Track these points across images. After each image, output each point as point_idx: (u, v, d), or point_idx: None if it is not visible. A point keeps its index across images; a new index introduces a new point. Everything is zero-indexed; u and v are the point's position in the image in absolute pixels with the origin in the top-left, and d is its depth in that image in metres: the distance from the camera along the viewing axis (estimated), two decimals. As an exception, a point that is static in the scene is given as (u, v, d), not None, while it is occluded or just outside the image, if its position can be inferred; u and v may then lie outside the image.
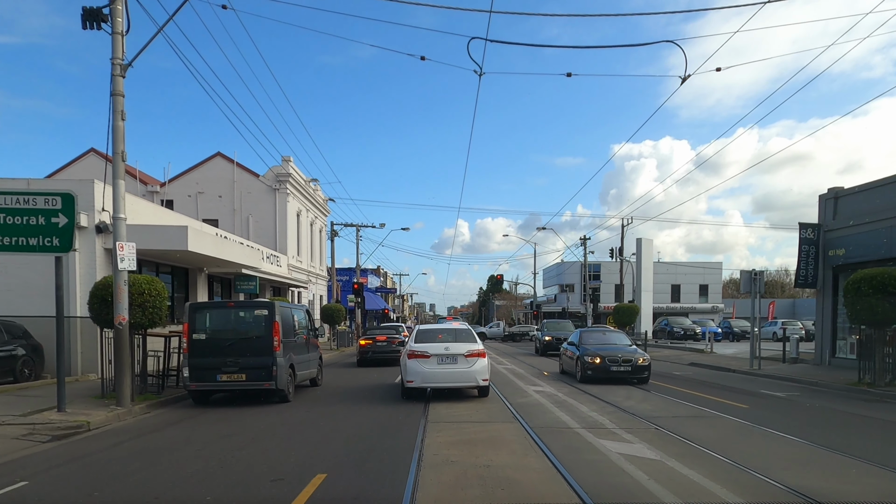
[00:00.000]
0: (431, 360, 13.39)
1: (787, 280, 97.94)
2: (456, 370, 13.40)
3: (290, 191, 36.91)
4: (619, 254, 49.93)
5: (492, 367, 16.67)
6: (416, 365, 13.47)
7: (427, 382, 13.46)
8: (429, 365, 13.39)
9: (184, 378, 12.94)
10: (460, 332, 14.89)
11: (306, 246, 41.80)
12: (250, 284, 25.48)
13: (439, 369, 13.40)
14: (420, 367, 13.43)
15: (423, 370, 13.39)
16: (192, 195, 35.98)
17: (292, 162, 36.72)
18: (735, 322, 47.01)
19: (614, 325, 38.24)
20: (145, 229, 16.30)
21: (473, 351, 13.54)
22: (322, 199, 47.15)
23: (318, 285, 46.08)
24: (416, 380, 13.45)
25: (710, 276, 75.15)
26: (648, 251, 47.15)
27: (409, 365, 13.61)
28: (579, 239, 49.29)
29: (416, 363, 13.51)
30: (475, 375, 13.42)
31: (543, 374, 20.46)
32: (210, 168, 36.14)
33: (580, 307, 75.39)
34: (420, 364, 13.45)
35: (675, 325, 43.07)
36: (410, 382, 13.55)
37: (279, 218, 36.21)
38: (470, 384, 13.60)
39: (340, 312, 36.01)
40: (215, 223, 34.09)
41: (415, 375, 13.45)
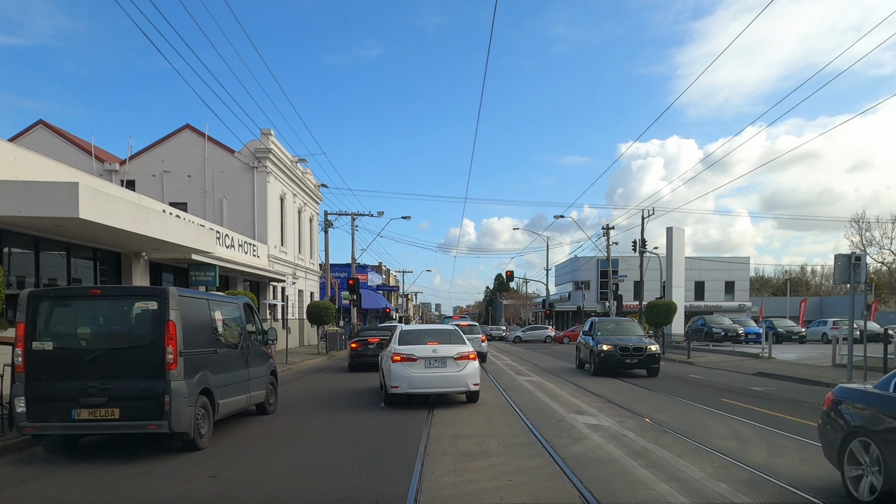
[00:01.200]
0: (418, 363, 12.42)
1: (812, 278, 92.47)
2: (445, 374, 12.51)
3: (272, 170, 31.82)
4: (643, 245, 44.75)
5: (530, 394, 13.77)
6: (402, 369, 12.40)
7: (413, 388, 12.45)
8: (415, 369, 12.39)
9: (17, 414, 7.79)
10: (448, 332, 14.04)
11: (293, 235, 36.70)
12: (207, 275, 20.41)
13: (427, 374, 12.45)
14: (406, 371, 12.37)
15: (409, 375, 12.35)
16: (156, 174, 30.94)
17: (273, 136, 31.64)
18: (778, 321, 41.69)
19: (647, 325, 32.99)
20: (5, 186, 11.21)
21: (463, 353, 12.67)
22: (313, 184, 42.06)
23: (308, 281, 40.99)
24: (402, 385, 12.40)
25: (736, 271, 69.78)
26: (680, 242, 41.90)
27: (394, 369, 12.46)
28: (601, 229, 44.09)
29: (401, 367, 12.42)
30: (466, 380, 12.59)
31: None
32: (178, 143, 31.10)
33: (596, 305, 70.11)
34: (405, 368, 12.39)
35: (713, 324, 37.79)
36: (395, 388, 12.47)
37: (258, 201, 31.12)
38: (460, 389, 12.81)
39: (329, 311, 30.92)
40: (183, 206, 29.09)
41: (400, 381, 12.41)
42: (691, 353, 28.53)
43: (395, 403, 12.84)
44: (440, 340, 13.17)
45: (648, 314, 32.58)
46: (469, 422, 11.08)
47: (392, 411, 12.33)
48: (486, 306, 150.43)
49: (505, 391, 15.66)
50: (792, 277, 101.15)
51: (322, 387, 18.33)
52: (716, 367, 24.01)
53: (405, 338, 13.49)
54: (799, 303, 71.61)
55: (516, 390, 15.93)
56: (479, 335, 26.04)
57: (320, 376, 21.71)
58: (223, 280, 26.93)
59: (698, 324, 39.08)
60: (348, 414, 12.23)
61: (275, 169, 32.30)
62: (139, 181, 30.67)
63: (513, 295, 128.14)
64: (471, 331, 26.20)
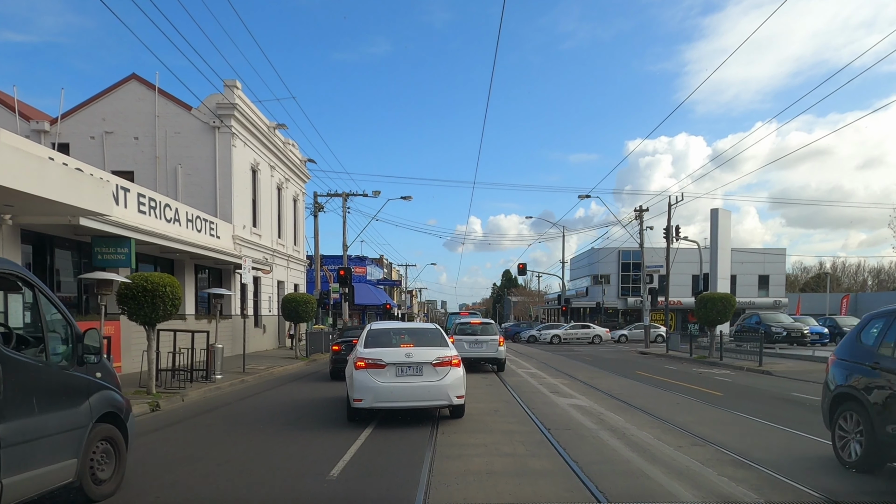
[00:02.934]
0: (387, 371, 9.80)
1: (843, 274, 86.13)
2: (421, 384, 9.85)
3: (238, 131, 25.95)
4: (676, 234, 38.72)
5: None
6: (366, 378, 9.76)
7: (381, 401, 9.77)
8: (383, 378, 9.77)
9: None
10: (427, 332, 11.42)
11: (269, 215, 30.82)
12: (118, 253, 14.59)
13: (398, 383, 9.80)
14: (371, 380, 9.73)
15: (375, 385, 9.72)
16: (96, 136, 25.13)
17: (240, 89, 25.77)
18: (841, 320, 35.60)
19: (703, 324, 27.02)
20: None
21: (444, 358, 10.06)
22: (299, 158, 36.17)
23: (291, 271, 35.13)
24: (367, 398, 9.73)
25: (770, 265, 63.55)
26: (726, 227, 35.80)
27: (357, 378, 9.83)
28: (634, 210, 38.01)
29: (365, 376, 9.78)
30: (447, 391, 9.92)
31: None
32: (122, 97, 25.27)
33: (617, 302, 64.09)
34: (371, 377, 9.75)
35: (771, 323, 31.74)
36: (358, 402, 9.80)
37: (221, 169, 25.26)
38: (440, 402, 10.13)
39: (309, 305, 25.04)
40: (129, 175, 23.34)
41: (364, 392, 9.75)
42: (765, 360, 22.49)
43: (386, 422, 9.74)
44: (416, 342, 10.69)
45: (700, 310, 26.53)
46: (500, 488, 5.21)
47: (372, 438, 6.50)
48: (493, 303, 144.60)
49: (550, 431, 9.70)
50: (822, 273, 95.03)
51: (285, 402, 12.71)
52: (805, 378, 18.08)
53: (373, 339, 10.77)
54: (840, 299, 65.75)
55: (570, 431, 9.97)
56: (496, 336, 20.21)
57: (291, 387, 16.14)
58: (166, 264, 21.08)
59: (751, 322, 33.01)
60: (296, 445, 6.35)
61: (242, 131, 26.41)
62: (74, 144, 24.90)
63: (521, 291, 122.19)
64: (484, 330, 20.41)
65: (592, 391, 14.81)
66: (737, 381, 17.61)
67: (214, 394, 14.72)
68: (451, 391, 9.93)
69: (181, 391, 13.91)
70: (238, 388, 15.97)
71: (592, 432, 9.40)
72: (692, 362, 26.04)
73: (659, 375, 19.35)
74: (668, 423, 10.26)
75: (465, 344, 19.47)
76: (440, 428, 9.87)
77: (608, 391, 14.76)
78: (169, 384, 14.48)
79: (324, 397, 14.14)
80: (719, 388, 15.79)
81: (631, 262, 63.37)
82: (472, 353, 19.43)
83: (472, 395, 13.82)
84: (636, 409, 11.73)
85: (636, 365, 24.69)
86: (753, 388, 16.10)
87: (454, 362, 10.14)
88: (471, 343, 19.66)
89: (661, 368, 22.63)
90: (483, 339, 19.83)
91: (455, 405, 10.19)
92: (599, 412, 11.38)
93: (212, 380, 16.00)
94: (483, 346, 19.65)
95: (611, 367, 22.81)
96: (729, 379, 18.41)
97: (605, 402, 12.72)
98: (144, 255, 19.01)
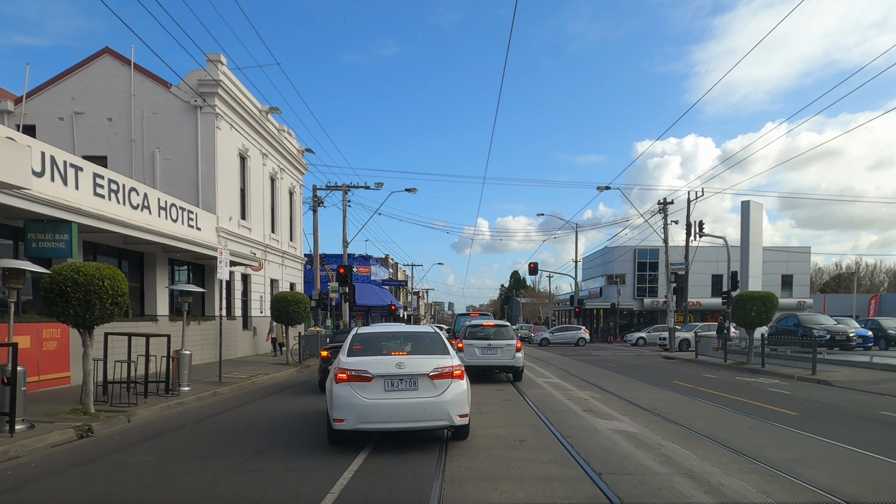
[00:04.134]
0: (374, 384, 7.96)
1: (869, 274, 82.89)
2: (415, 401, 7.96)
3: (223, 112, 23.37)
4: (699, 230, 35.97)
5: None
6: (349, 393, 7.89)
7: (367, 422, 7.88)
8: (370, 393, 7.93)
9: None
10: (423, 337, 9.32)
11: (261, 207, 28.22)
12: (57, 240, 12.00)
13: (387, 400, 7.92)
14: (355, 396, 7.88)
15: (359, 402, 7.85)
16: (65, 117, 22.62)
17: (225, 64, 23.19)
18: (885, 322, 32.65)
19: (741, 326, 24.26)
20: None
21: (444, 369, 8.15)
22: (296, 148, 33.61)
23: (285, 269, 32.53)
24: (349, 418, 7.85)
25: (794, 264, 60.47)
26: (758, 220, 32.98)
27: (338, 393, 7.95)
28: (657, 203, 35.18)
29: (347, 391, 7.92)
30: (447, 409, 8.00)
31: None
32: (94, 74, 22.74)
33: (633, 303, 61.18)
34: (355, 392, 7.90)
35: (811, 325, 28.84)
36: (339, 422, 7.89)
37: (203, 153, 22.68)
38: (438, 423, 8.11)
39: (301, 305, 22.40)
40: (103, 161, 20.86)
41: (346, 410, 7.86)
42: (821, 367, 19.68)
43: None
44: (411, 349, 8.87)
45: (737, 311, 23.74)
46: None
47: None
48: (501, 305, 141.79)
49: (603, 478, 6.99)
50: (842, 273, 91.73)
51: (260, 419, 10.15)
52: (876, 390, 15.33)
53: (359, 345, 8.88)
54: (868, 300, 62.63)
55: (631, 478, 7.25)
56: (512, 341, 17.43)
57: (273, 401, 13.60)
58: (133, 257, 18.50)
59: (789, 324, 30.13)
60: None
61: (228, 112, 23.83)
62: (41, 126, 22.44)
63: (530, 293, 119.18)
64: (498, 334, 17.75)
65: (634, 409, 12.08)
66: (798, 394, 14.86)
67: (174, 411, 12.09)
68: (452, 409, 8.07)
69: (130, 408, 11.30)
70: (206, 403, 13.34)
71: (664, 480, 6.69)
72: (730, 369, 23.26)
73: (702, 386, 16.61)
74: (759, 462, 7.54)
75: (477, 350, 17.08)
76: (449, 462, 7.25)
77: (654, 409, 12.03)
78: (120, 399, 11.87)
79: (310, 412, 11.55)
80: (784, 403, 13.03)
81: (648, 261, 60.51)
82: (484, 360, 17.09)
83: (487, 415, 11.12)
84: (704, 439, 9.00)
85: (667, 373, 21.93)
86: (825, 403, 13.34)
87: (456, 374, 8.30)
88: (483, 349, 17.16)
89: (699, 377, 19.88)
90: (498, 343, 17.10)
91: (457, 426, 8.30)
92: (658, 443, 8.66)
93: (175, 393, 13.38)
94: (497, 353, 17.09)
95: (641, 376, 20.06)
96: (786, 391, 15.66)
97: (659, 427, 9.99)
98: (103, 245, 16.46)
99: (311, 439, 9.07)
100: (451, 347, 9.00)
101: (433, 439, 8.95)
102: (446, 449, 8.30)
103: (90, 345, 10.51)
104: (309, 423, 10.55)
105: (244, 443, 8.91)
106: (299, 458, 7.93)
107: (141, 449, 8.57)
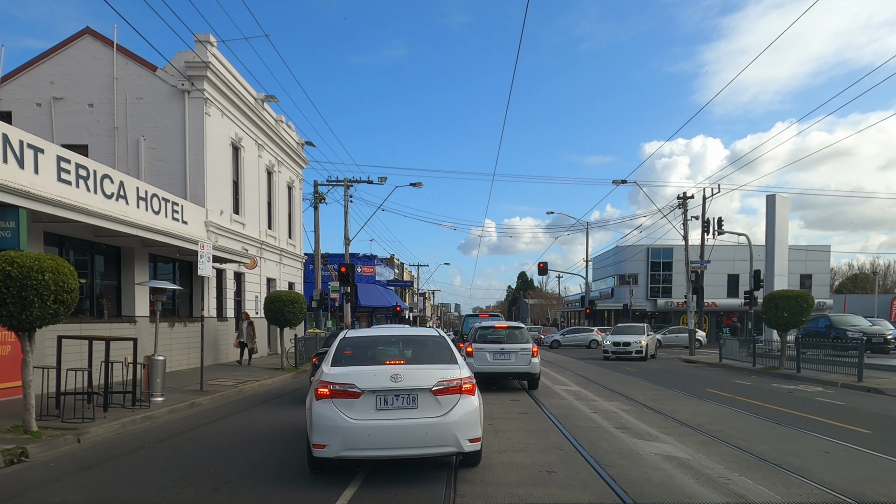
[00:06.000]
0: (364, 401, 6.39)
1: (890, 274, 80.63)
2: (414, 422, 6.38)
3: (213, 97, 21.70)
4: (719, 226, 34.19)
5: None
6: (332, 413, 6.34)
7: (354, 448, 6.30)
8: (358, 412, 6.36)
9: None
10: (425, 342, 7.73)
11: (256, 202, 26.55)
12: (3, 229, 10.32)
13: (380, 421, 6.36)
14: (339, 416, 6.32)
15: (345, 423, 6.29)
16: (43, 103, 21.02)
17: (215, 46, 21.53)
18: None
19: (774, 328, 22.41)
20: None
21: (450, 382, 6.57)
22: (295, 140, 31.95)
23: (283, 267, 30.85)
24: (332, 443, 6.27)
25: (813, 263, 58.38)
26: (784, 216, 31.17)
27: (319, 412, 6.38)
28: (677, 198, 33.32)
29: (330, 409, 6.37)
30: (454, 432, 6.42)
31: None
32: (74, 56, 21.13)
33: (646, 303, 59.24)
34: (340, 411, 6.35)
35: (844, 326, 26.91)
36: (320, 448, 6.31)
37: (191, 141, 21.01)
38: (442, 450, 6.51)
39: (297, 305, 20.70)
40: (83, 150, 19.23)
41: (328, 434, 6.30)
42: (862, 372, 17.85)
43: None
44: (410, 357, 7.21)
45: (769, 311, 21.88)
46: None
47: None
48: (508, 306, 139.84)
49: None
50: (859, 273, 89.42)
51: (238, 438, 8.45)
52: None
53: (348, 351, 7.18)
54: (891, 301, 60.48)
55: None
56: (528, 344, 15.74)
57: (258, 413, 11.98)
58: (108, 252, 16.83)
59: (820, 325, 28.18)
60: None
61: (219, 98, 22.16)
62: (17, 113, 20.85)
63: (538, 293, 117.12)
64: (512, 337, 16.11)
65: (676, 426, 10.29)
66: (854, 406, 13.05)
67: (137, 427, 10.40)
68: (460, 432, 6.50)
69: (84, 425, 9.61)
70: (179, 417, 11.64)
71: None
72: (761, 375, 21.42)
73: (741, 395, 14.79)
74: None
75: (488, 354, 15.52)
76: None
77: (698, 426, 10.24)
78: (76, 413, 10.17)
79: (295, 429, 9.88)
80: (847, 418, 11.22)
81: (661, 260, 58.58)
82: (496, 366, 15.50)
83: (504, 434, 9.36)
84: (779, 469, 7.21)
85: (695, 378, 20.12)
86: (892, 417, 11.52)
87: (465, 388, 6.70)
88: (495, 353, 15.55)
89: (732, 384, 18.07)
90: (511, 347, 15.50)
91: (466, 452, 6.66)
92: (722, 476, 6.88)
93: (144, 405, 11.70)
94: (511, 358, 15.48)
95: (668, 383, 18.26)
96: (838, 401, 13.84)
97: (714, 452, 8.21)
98: (71, 238, 14.79)
99: (291, 466, 7.36)
100: (459, 355, 7.44)
101: (440, 465, 7.24)
102: (455, 482, 6.57)
103: (30, 351, 8.85)
104: (291, 442, 8.83)
105: (205, 473, 7.19)
106: (272, 493, 6.22)
107: (73, 483, 6.87)
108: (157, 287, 12.66)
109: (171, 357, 18.53)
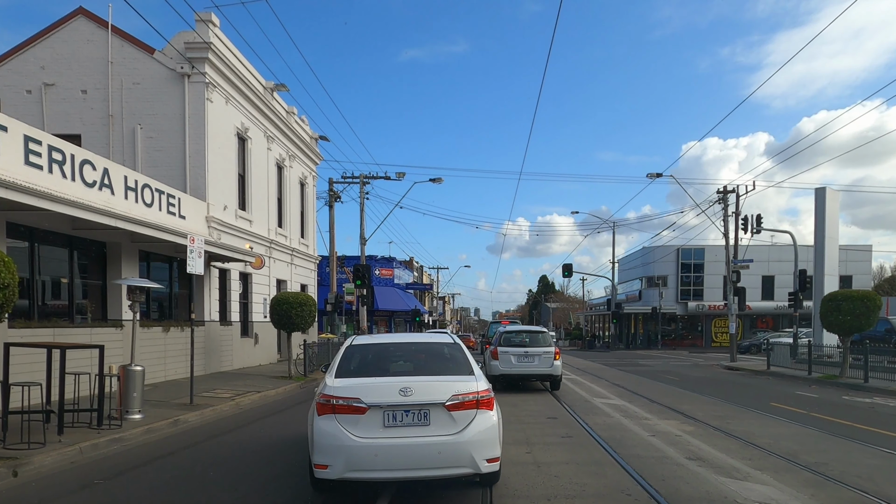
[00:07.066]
0: (370, 417, 5.69)
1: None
2: (425, 440, 5.66)
3: (216, 81, 20.01)
4: (758, 224, 31.78)
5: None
6: (335, 430, 5.65)
7: (358, 469, 5.57)
8: (363, 429, 5.65)
9: None
10: (439, 349, 7.01)
11: (265, 198, 24.81)
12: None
13: (387, 439, 5.64)
14: (343, 434, 5.61)
15: (349, 442, 5.58)
16: (33, 90, 19.50)
17: (217, 26, 19.84)
18: None
19: (836, 332, 20.13)
20: None
21: (465, 396, 5.84)
22: (308, 134, 30.25)
23: (296, 268, 29.10)
24: (335, 464, 5.58)
25: (854, 264, 55.33)
26: (834, 211, 28.61)
27: (320, 429, 5.73)
28: (717, 192, 31.01)
29: (333, 426, 5.68)
30: (469, 451, 5.69)
31: None
32: (66, 39, 19.58)
33: (676, 307, 56.66)
34: (344, 428, 5.65)
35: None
36: (322, 469, 5.63)
37: (192, 129, 19.32)
38: (456, 471, 5.75)
39: (306, 308, 18.88)
40: (77, 140, 17.72)
41: (332, 454, 5.60)
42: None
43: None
44: (421, 367, 6.55)
45: (830, 314, 19.63)
46: None
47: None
48: (529, 310, 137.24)
49: None
50: None
51: (221, 470, 6.47)
52: None
53: (352, 362, 6.52)
54: (936, 304, 57.25)
55: None
56: (550, 348, 16.46)
57: (252, 432, 10.24)
58: (91, 248, 15.10)
59: (879, 329, 25.67)
60: None
61: (222, 83, 20.46)
62: (7, 100, 19.32)
63: (560, 297, 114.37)
64: (535, 341, 16.80)
65: (763, 455, 8.19)
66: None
67: (99, 453, 8.57)
68: (476, 451, 5.73)
69: (30, 452, 7.80)
70: (154, 439, 9.80)
71: None
72: (823, 385, 19.16)
73: (818, 412, 12.62)
74: None
75: (513, 357, 16.39)
76: None
77: (791, 455, 8.13)
78: (24, 437, 8.36)
79: (294, 448, 7.93)
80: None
81: (692, 262, 56.00)
82: (520, 368, 16.40)
83: (546, 467, 7.31)
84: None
85: (749, 389, 17.93)
86: None
87: (483, 402, 5.94)
88: (519, 356, 16.40)
89: (797, 396, 15.87)
90: (535, 351, 16.34)
91: (483, 473, 5.85)
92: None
93: (115, 424, 9.88)
94: (535, 361, 16.33)
95: (721, 395, 16.09)
96: (938, 420, 11.60)
97: (834, 497, 6.13)
98: (41, 230, 13.06)
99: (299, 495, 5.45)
100: (476, 365, 6.57)
101: (471, 484, 5.35)
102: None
103: (-48, 362, 7.03)
104: (290, 471, 6.92)
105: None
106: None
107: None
108: (135, 286, 10.85)
109: (166, 365, 16.81)
